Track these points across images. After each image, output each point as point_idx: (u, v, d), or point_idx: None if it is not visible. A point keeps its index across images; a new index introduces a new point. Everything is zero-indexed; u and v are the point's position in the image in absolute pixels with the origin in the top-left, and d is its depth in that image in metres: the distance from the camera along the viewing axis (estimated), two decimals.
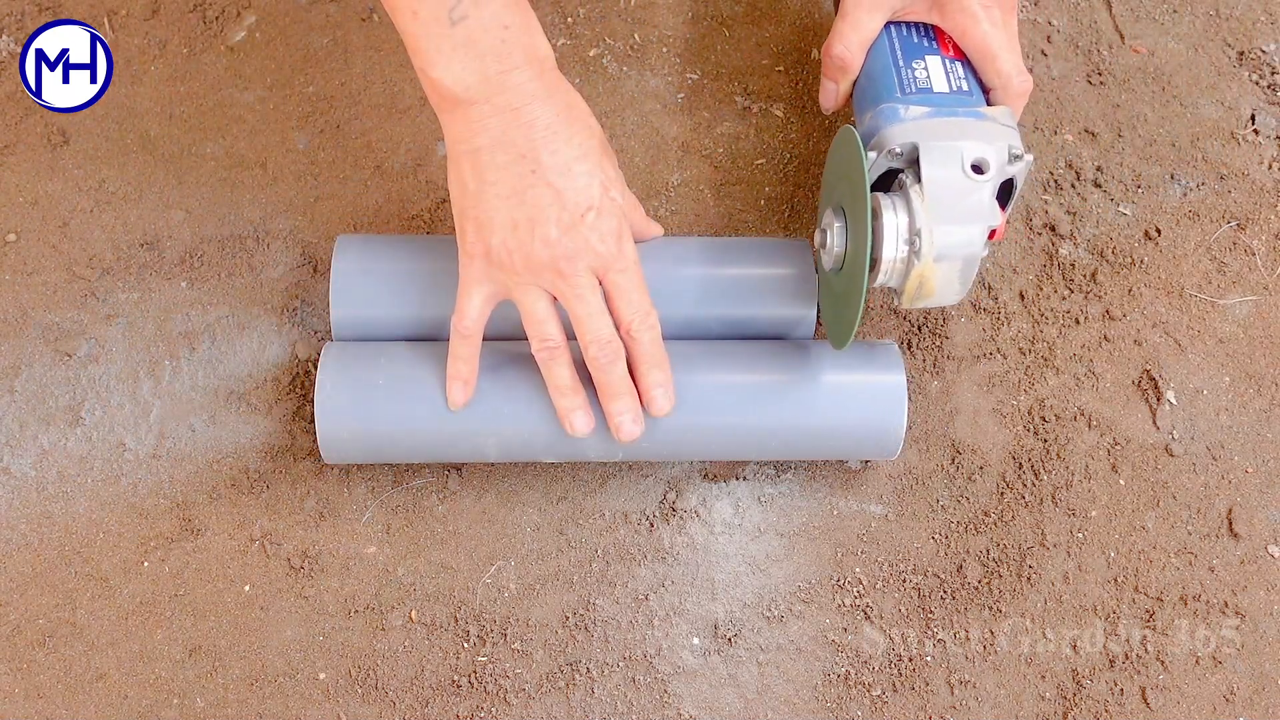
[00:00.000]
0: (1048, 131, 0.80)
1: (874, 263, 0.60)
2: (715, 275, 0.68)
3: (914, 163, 0.60)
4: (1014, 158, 0.60)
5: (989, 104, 0.64)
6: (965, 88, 0.63)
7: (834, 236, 0.62)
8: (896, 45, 0.65)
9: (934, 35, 0.66)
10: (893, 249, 0.59)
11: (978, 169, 0.59)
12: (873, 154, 0.60)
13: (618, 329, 0.60)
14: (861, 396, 0.66)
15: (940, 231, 0.58)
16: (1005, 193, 0.62)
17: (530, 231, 0.57)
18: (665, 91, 0.80)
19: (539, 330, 0.60)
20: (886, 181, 0.63)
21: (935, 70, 0.64)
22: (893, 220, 0.59)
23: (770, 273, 0.68)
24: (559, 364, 0.61)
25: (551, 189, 0.57)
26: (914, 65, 0.64)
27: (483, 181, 0.58)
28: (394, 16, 0.56)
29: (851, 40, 0.65)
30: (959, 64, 0.64)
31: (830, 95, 0.69)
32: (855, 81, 0.68)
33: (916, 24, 0.66)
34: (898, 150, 0.60)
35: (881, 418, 0.65)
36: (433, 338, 0.66)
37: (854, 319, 0.60)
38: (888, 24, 0.66)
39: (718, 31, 0.82)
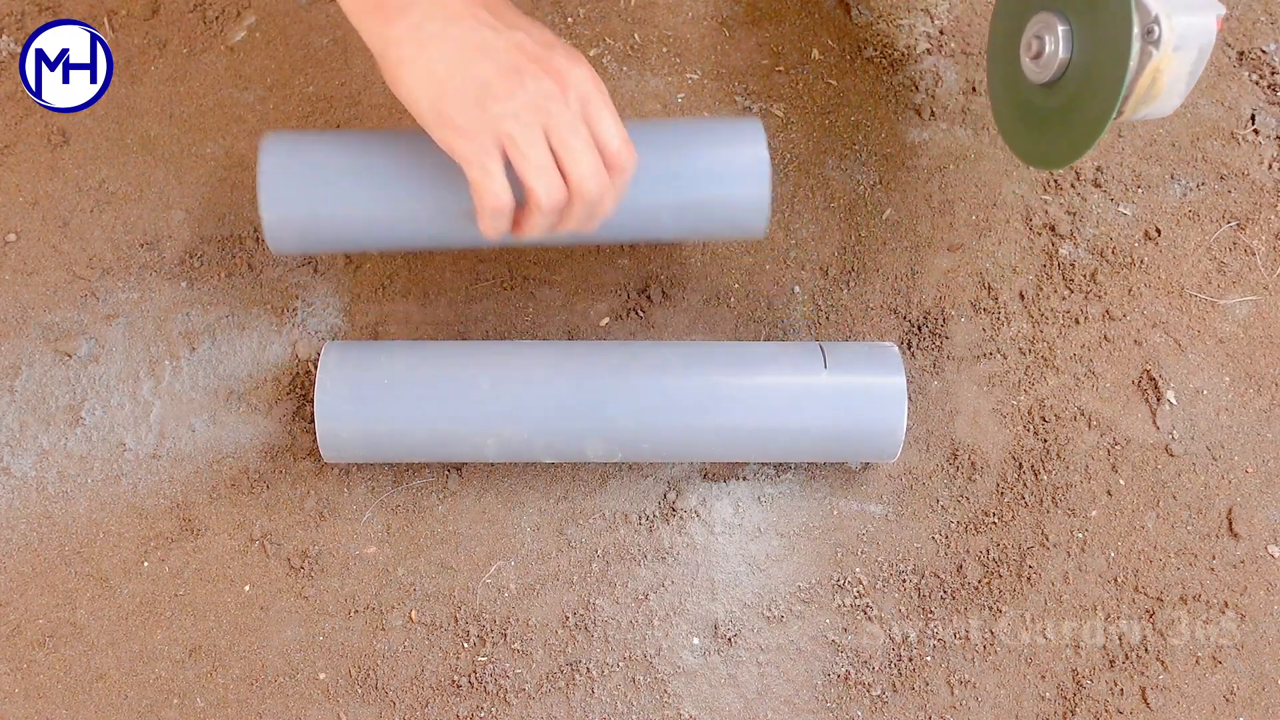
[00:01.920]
0: None
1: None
2: (664, 161, 0.63)
3: None
4: None
5: None
6: None
7: (1056, 43, 0.58)
8: None
9: None
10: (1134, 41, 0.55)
11: None
12: None
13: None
14: (861, 399, 0.66)
15: (1179, 20, 0.55)
16: None
17: (517, 78, 0.55)
18: (665, 91, 0.80)
19: (535, 163, 0.57)
20: None
21: None
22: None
23: (721, 153, 0.64)
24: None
25: (513, 33, 0.55)
26: None
27: (449, 59, 0.55)
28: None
29: None
30: None
31: None
32: None
33: None
34: None
35: (881, 421, 0.65)
36: (376, 236, 0.62)
37: (1094, 132, 0.56)
38: None
39: (718, 31, 0.82)
